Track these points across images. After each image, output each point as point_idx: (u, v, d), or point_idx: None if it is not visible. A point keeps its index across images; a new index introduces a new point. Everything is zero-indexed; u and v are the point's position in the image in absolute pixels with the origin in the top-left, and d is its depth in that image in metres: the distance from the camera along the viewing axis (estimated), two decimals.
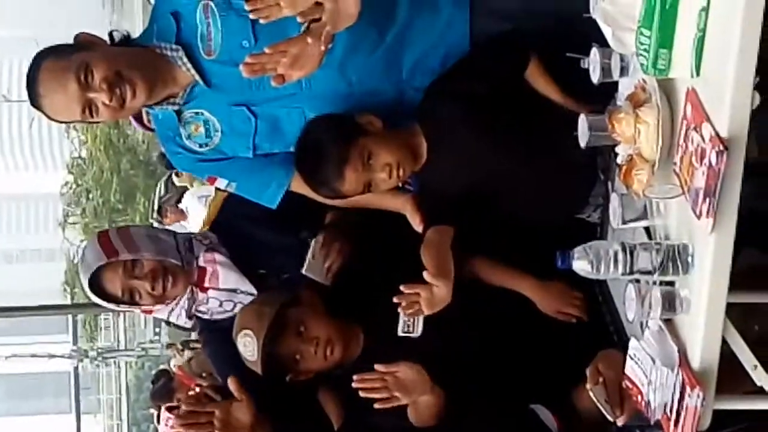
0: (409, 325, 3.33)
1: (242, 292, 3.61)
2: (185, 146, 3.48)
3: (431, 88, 3.32)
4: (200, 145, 3.46)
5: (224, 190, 3.62)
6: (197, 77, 3.34)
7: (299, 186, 3.43)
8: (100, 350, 29.13)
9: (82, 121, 3.29)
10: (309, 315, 3.35)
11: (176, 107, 3.41)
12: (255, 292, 3.61)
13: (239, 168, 3.48)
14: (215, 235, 3.72)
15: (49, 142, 36.50)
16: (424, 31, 3.39)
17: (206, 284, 3.60)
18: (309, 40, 3.03)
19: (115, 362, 30.05)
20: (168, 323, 3.80)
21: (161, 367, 13.49)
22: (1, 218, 38.09)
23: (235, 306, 3.62)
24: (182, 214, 10.85)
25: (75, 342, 30.53)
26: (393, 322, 3.32)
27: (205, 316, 3.68)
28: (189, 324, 3.74)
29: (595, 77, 2.82)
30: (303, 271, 3.48)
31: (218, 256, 3.60)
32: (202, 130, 3.43)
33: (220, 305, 3.63)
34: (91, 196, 26.48)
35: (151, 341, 23.17)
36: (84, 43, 3.33)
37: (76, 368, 30.31)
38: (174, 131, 3.47)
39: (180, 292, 3.57)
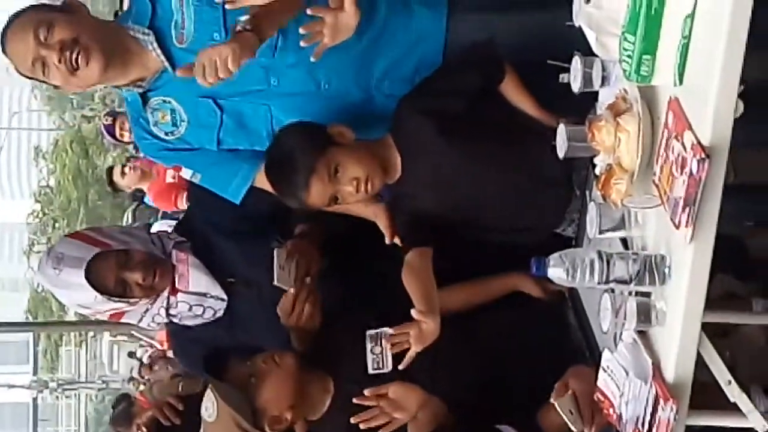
0: (379, 361, 3.27)
1: (212, 296, 3.55)
2: (152, 132, 3.45)
3: (404, 101, 3.28)
4: (166, 133, 3.44)
5: (189, 180, 3.57)
6: (166, 63, 3.32)
7: (264, 182, 3.38)
8: (60, 382, 28.89)
9: (36, 79, 3.27)
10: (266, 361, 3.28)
11: (141, 90, 3.38)
12: (225, 297, 3.56)
13: (204, 160, 3.45)
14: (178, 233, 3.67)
15: (18, 170, 36.37)
16: (398, 38, 3.38)
17: (176, 285, 3.53)
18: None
19: (75, 394, 29.83)
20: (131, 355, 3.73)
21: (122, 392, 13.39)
22: None
23: (205, 311, 3.56)
24: None
25: (35, 372, 30.31)
26: (361, 361, 3.26)
27: (175, 320, 3.61)
28: (158, 328, 3.68)
29: (576, 86, 2.79)
30: (275, 283, 3.40)
31: (189, 258, 3.54)
32: (168, 118, 3.41)
33: (190, 309, 3.57)
34: (57, 225, 26.32)
35: (113, 373, 22.95)
36: (67, 5, 3.32)
37: (35, 399, 30.06)
38: (138, 111, 3.44)
39: (165, 285, 3.51)
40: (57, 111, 31.37)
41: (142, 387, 9.61)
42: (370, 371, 3.25)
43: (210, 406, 3.20)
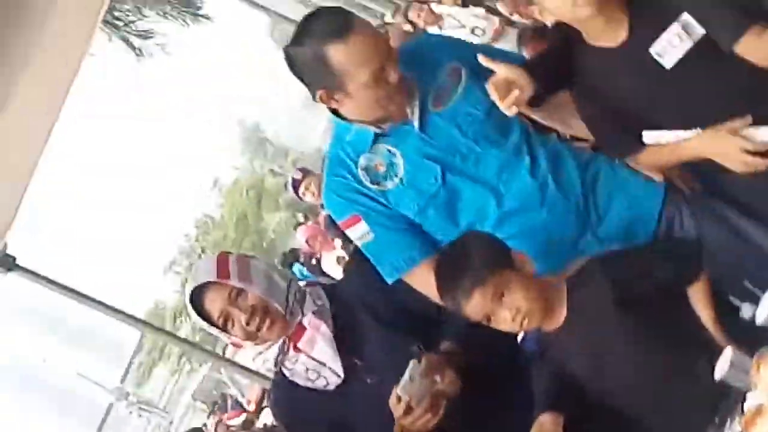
0: None
1: (330, 369, 3.54)
2: (353, 173, 3.43)
3: (596, 260, 3.25)
4: (372, 182, 3.40)
5: (354, 251, 3.58)
6: (416, 121, 3.35)
7: (423, 285, 3.38)
8: (140, 399, 29.21)
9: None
10: None
11: (380, 131, 3.39)
12: (342, 376, 3.53)
13: (385, 221, 3.42)
14: (329, 301, 3.65)
15: (192, 189, 37.20)
16: (623, 186, 3.41)
17: (300, 345, 3.53)
18: None
19: (148, 418, 30.06)
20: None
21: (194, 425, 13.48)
22: (115, 236, 38.71)
23: (318, 378, 3.54)
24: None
25: (122, 381, 30.68)
26: None
27: (286, 373, 3.60)
28: (269, 373, 3.68)
29: (762, 317, 2.74)
30: (398, 392, 3.29)
31: (323, 327, 3.53)
32: (383, 169, 3.39)
33: (306, 372, 3.56)
34: (203, 257, 26.79)
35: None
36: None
37: (111, 405, 30.39)
38: (355, 151, 3.42)
39: (272, 338, 3.52)
40: (248, 154, 32.15)
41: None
42: None
43: None
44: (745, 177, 3.17)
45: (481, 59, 3.29)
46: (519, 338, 3.32)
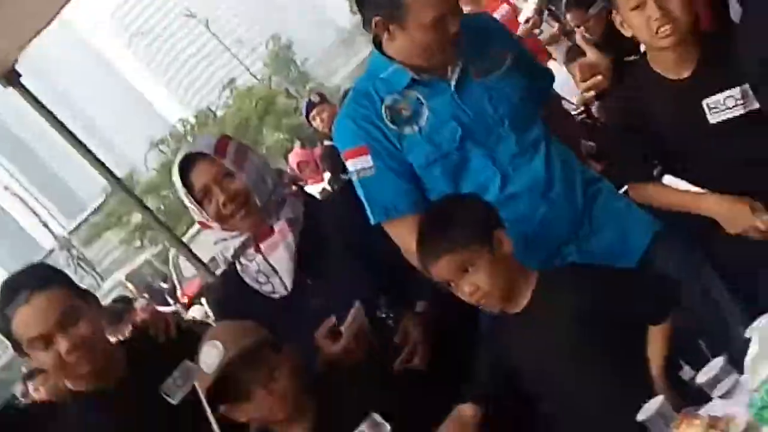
0: None
1: (281, 279, 3.56)
2: (377, 109, 3.43)
3: (577, 270, 3.30)
4: (392, 121, 3.42)
5: (341, 179, 3.59)
6: (453, 81, 3.39)
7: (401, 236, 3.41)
8: (81, 255, 29.23)
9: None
10: (285, 366, 3.26)
11: (418, 78, 3.40)
12: (289, 290, 3.55)
13: (391, 163, 3.43)
14: (303, 213, 3.64)
15: (206, 81, 37.14)
16: (618, 214, 3.48)
17: (262, 246, 3.56)
18: None
19: (80, 276, 30.13)
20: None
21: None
22: (111, 101, 38.65)
23: (266, 284, 3.57)
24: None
25: (71, 233, 30.70)
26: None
27: (238, 267, 3.63)
28: (221, 261, 3.70)
29: (701, 380, 2.77)
30: (342, 329, 3.36)
31: (290, 236, 3.55)
32: (407, 114, 3.41)
33: (257, 272, 3.58)
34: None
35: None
36: None
37: (51, 251, 30.43)
38: (386, 89, 3.43)
39: (241, 229, 3.55)
40: (271, 68, 32.05)
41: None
42: None
43: (214, 357, 3.19)
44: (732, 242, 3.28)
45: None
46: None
